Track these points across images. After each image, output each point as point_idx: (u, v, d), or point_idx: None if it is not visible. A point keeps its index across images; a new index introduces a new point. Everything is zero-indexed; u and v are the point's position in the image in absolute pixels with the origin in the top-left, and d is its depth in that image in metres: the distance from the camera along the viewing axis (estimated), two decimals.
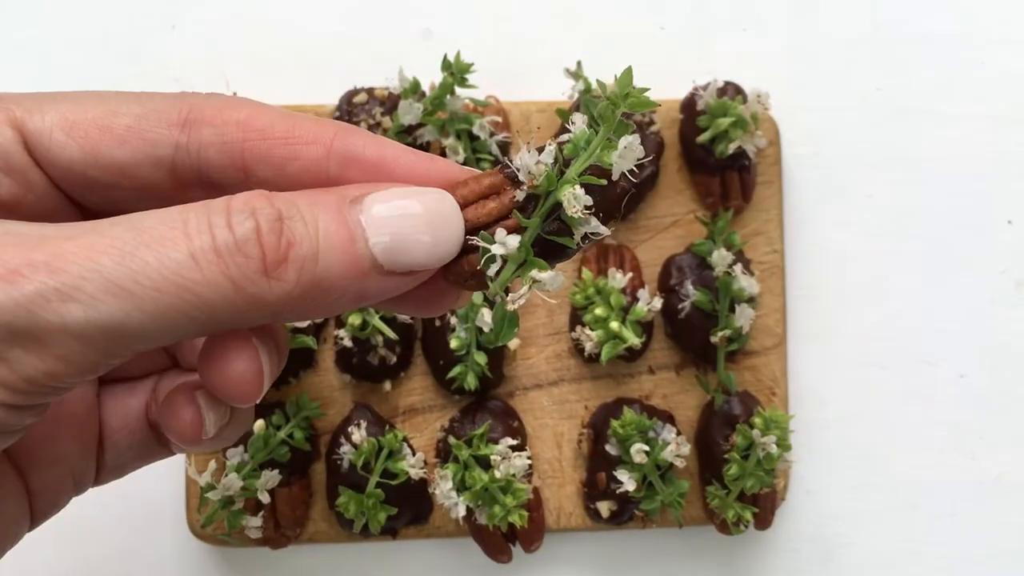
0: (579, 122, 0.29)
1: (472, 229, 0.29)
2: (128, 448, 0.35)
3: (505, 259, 0.28)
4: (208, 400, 0.31)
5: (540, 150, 0.28)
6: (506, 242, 0.28)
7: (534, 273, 0.28)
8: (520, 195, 0.29)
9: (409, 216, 0.28)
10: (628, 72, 0.29)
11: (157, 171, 0.30)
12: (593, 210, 0.28)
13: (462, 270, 0.29)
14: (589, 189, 0.28)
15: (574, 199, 0.28)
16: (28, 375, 0.25)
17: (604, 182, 0.29)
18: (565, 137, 0.29)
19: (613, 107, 0.28)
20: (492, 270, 0.28)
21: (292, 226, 0.27)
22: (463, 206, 0.29)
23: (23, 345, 0.25)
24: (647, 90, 0.29)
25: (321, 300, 0.28)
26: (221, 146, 0.30)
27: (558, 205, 0.28)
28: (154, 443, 0.35)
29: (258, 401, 0.30)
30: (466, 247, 0.29)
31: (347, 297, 0.28)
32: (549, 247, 0.29)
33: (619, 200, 0.29)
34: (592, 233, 0.29)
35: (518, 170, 0.29)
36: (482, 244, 0.28)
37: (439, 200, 0.28)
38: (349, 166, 0.30)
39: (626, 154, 0.28)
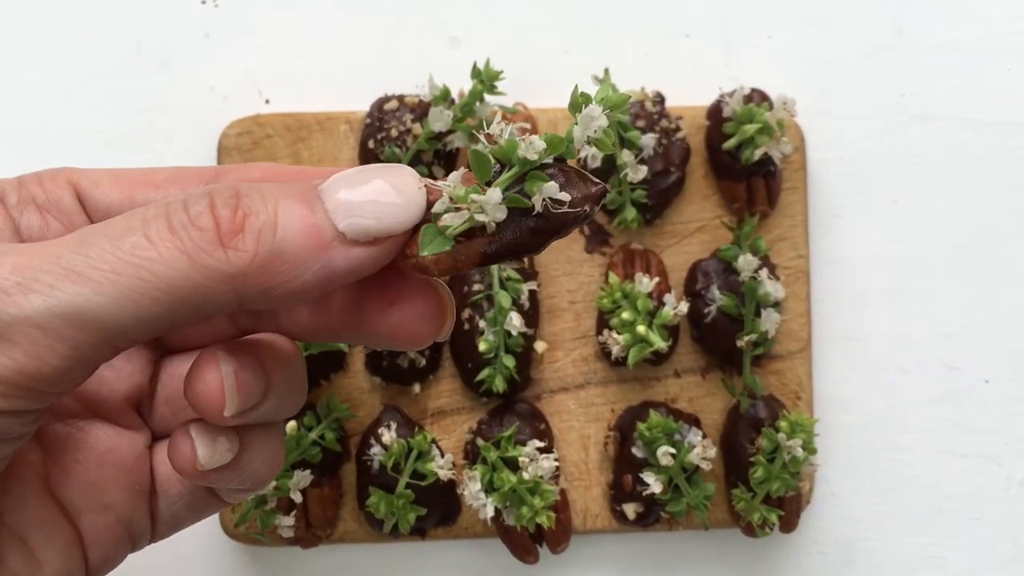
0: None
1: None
2: (179, 498, 0.35)
3: (455, 201, 0.28)
4: (199, 429, 0.31)
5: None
6: (452, 179, 0.28)
7: (472, 196, 0.28)
8: (482, 147, 0.28)
9: (371, 186, 0.28)
10: (606, 73, 0.31)
11: None
12: (568, 194, 0.28)
13: (416, 245, 0.29)
14: (559, 169, 0.28)
15: (529, 144, 0.28)
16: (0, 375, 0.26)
17: (564, 146, 0.28)
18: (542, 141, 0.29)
19: (584, 102, 0.29)
20: (440, 207, 0.28)
21: (249, 201, 0.27)
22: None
23: None
24: (624, 94, 0.29)
25: (285, 273, 0.27)
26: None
27: (522, 179, 0.28)
28: (205, 493, 0.36)
29: (227, 416, 0.30)
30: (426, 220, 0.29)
31: (312, 271, 0.27)
32: (523, 227, 0.28)
33: (592, 198, 0.29)
34: (555, 202, 0.28)
35: (484, 139, 0.29)
36: (432, 183, 0.28)
37: (399, 171, 0.29)
38: None
39: (585, 122, 0.28)
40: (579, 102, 0.29)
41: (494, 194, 0.28)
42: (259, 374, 0.31)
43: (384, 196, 0.28)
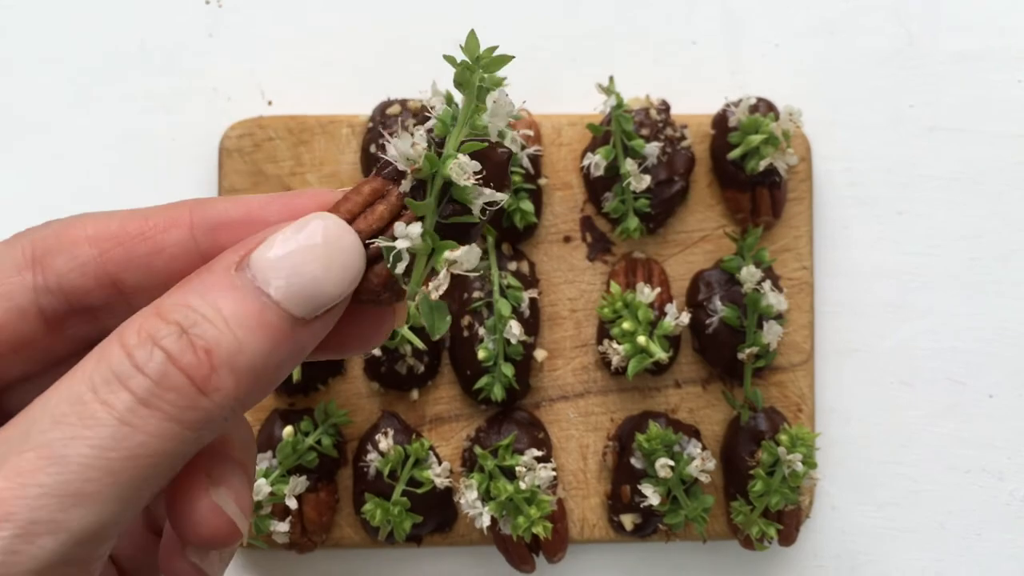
0: (438, 105, 0.28)
1: (369, 239, 0.27)
2: None
3: (412, 253, 0.27)
4: (199, 553, 0.29)
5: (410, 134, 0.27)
6: (408, 233, 0.26)
7: (447, 255, 0.27)
8: (406, 186, 0.27)
9: (300, 252, 0.26)
10: (472, 35, 0.28)
11: (26, 323, 0.28)
12: (483, 177, 0.27)
13: (371, 286, 0.27)
14: (474, 157, 0.27)
15: (460, 169, 0.27)
16: None
17: (485, 144, 0.27)
18: (430, 123, 0.28)
19: (469, 72, 0.27)
20: (400, 268, 0.26)
21: (201, 332, 0.25)
22: (351, 220, 0.27)
23: None
24: (496, 48, 0.28)
25: (267, 380, 0.26)
26: (80, 269, 0.28)
27: (448, 185, 0.27)
28: None
29: (242, 542, 0.29)
30: (369, 259, 0.27)
31: (288, 362, 0.26)
32: (453, 231, 0.27)
33: (504, 167, 0.28)
34: (490, 203, 0.27)
35: (395, 160, 0.27)
36: (384, 245, 0.26)
37: (324, 226, 0.26)
38: (218, 235, 0.28)
39: (496, 110, 0.27)
40: (467, 77, 0.27)
41: (473, 251, 0.27)
42: (242, 475, 0.29)
43: (315, 262, 0.26)
